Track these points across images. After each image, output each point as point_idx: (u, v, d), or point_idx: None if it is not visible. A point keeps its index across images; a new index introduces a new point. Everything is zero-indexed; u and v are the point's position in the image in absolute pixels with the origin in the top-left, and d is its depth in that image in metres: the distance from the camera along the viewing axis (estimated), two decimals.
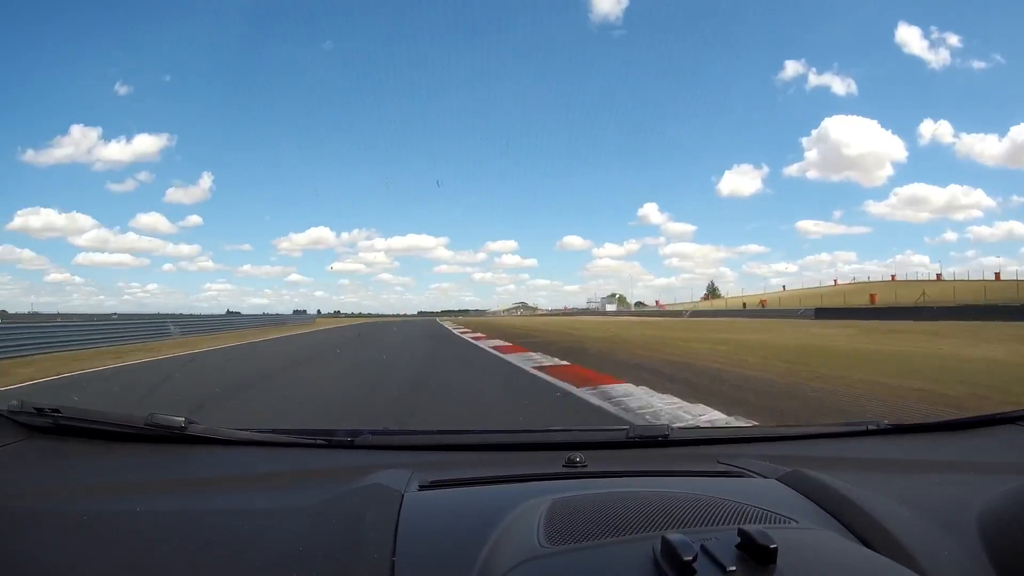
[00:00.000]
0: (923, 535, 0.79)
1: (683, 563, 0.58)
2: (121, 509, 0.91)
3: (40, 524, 0.83)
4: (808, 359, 9.70)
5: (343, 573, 0.70)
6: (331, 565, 0.72)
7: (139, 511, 0.89)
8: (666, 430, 1.29)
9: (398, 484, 0.94)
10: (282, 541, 0.79)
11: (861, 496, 0.88)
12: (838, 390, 6.27)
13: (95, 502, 0.93)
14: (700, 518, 0.75)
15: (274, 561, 0.74)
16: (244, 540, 0.81)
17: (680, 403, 5.78)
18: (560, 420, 5.48)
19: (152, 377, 9.47)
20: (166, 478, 1.08)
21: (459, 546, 0.74)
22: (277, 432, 1.26)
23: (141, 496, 0.97)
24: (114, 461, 1.11)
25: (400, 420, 5.15)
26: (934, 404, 5.25)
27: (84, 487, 1.00)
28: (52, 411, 1.11)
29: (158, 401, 6.82)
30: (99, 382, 8.75)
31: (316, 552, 0.75)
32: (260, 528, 0.84)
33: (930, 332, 17.15)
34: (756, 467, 1.11)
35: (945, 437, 1.46)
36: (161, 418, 1.12)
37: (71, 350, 14.07)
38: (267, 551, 0.77)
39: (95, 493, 0.98)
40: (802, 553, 0.66)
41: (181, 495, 1.00)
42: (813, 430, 1.56)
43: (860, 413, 4.95)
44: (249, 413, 5.83)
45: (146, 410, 1.14)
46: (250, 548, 0.78)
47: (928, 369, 7.91)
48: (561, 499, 0.83)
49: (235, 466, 1.14)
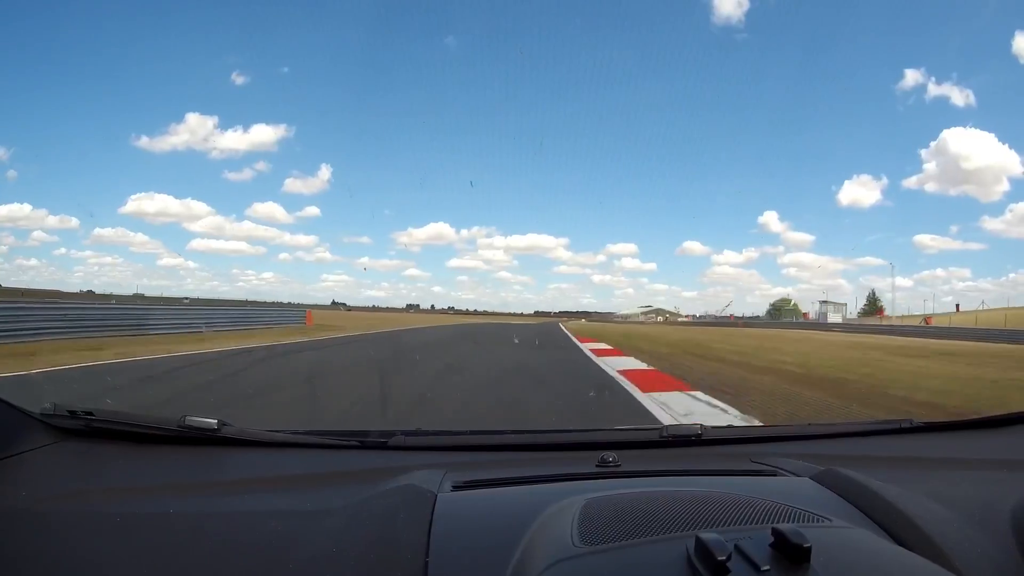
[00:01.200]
0: (956, 533, 0.79)
1: (717, 563, 0.59)
2: (155, 511, 0.92)
3: (74, 526, 0.85)
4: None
5: (377, 574, 0.70)
6: (365, 566, 0.72)
7: (172, 513, 0.91)
8: (699, 429, 1.29)
9: (431, 485, 0.95)
10: (316, 542, 0.80)
11: (894, 494, 0.87)
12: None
13: (129, 504, 0.94)
14: (734, 517, 0.75)
15: (308, 562, 0.75)
16: (278, 541, 0.82)
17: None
18: None
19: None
20: (200, 480, 1.10)
21: (492, 546, 0.75)
22: (310, 433, 1.27)
23: (175, 498, 0.98)
24: (147, 463, 1.13)
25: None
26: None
27: (118, 489, 1.02)
28: (85, 414, 1.12)
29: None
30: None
31: (350, 553, 0.75)
32: (294, 529, 0.85)
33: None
34: (789, 466, 1.10)
35: (977, 435, 1.44)
36: (195, 420, 1.14)
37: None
38: (301, 552, 0.78)
39: (128, 495, 0.99)
40: (836, 552, 0.65)
41: (215, 497, 1.01)
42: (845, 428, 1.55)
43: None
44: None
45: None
46: (284, 549, 0.79)
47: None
48: (594, 499, 0.83)
49: (269, 468, 1.16)
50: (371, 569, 0.72)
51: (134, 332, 13.37)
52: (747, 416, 5.43)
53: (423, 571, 0.70)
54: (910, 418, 1.42)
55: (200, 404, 5.40)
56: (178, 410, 1.20)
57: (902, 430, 1.40)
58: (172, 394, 6.14)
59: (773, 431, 1.51)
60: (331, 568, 0.73)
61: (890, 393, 7.13)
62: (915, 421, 1.41)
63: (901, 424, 1.41)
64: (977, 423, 1.48)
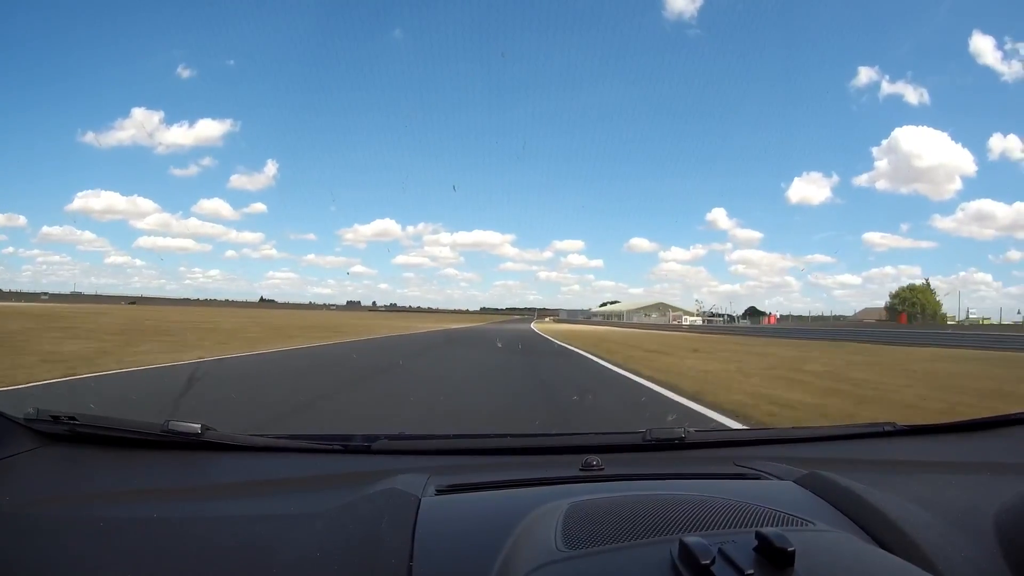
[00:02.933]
0: (939, 536, 0.79)
1: (701, 566, 0.59)
2: (138, 516, 0.91)
3: (57, 531, 0.84)
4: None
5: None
6: (349, 570, 0.72)
7: (156, 518, 0.90)
8: (682, 433, 1.29)
9: (415, 489, 0.94)
10: (299, 546, 0.79)
11: (877, 498, 0.88)
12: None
13: (112, 509, 0.94)
14: (717, 521, 0.75)
15: (291, 567, 0.75)
16: (261, 546, 0.81)
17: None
18: None
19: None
20: (183, 485, 1.09)
21: (476, 550, 0.75)
22: (294, 438, 1.27)
23: (158, 503, 0.97)
24: (131, 468, 1.12)
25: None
26: None
27: (101, 494, 1.01)
28: (68, 418, 1.12)
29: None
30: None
31: (333, 557, 0.75)
32: (277, 534, 0.84)
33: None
34: (772, 469, 1.11)
35: (961, 438, 1.45)
36: (178, 425, 1.13)
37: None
38: (284, 556, 0.78)
39: (112, 500, 0.98)
40: (819, 556, 0.66)
41: (198, 502, 1.01)
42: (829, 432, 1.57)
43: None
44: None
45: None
46: (267, 554, 0.79)
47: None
48: (578, 503, 0.83)
49: (252, 472, 1.15)
50: (355, 572, 0.71)
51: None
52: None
53: (407, 575, 0.69)
54: (893, 421, 1.44)
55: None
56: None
57: (885, 433, 1.42)
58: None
59: (756, 434, 1.52)
60: (315, 572, 0.73)
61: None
62: (898, 425, 1.43)
63: (884, 428, 1.43)
64: (960, 426, 1.50)
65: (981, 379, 9.65)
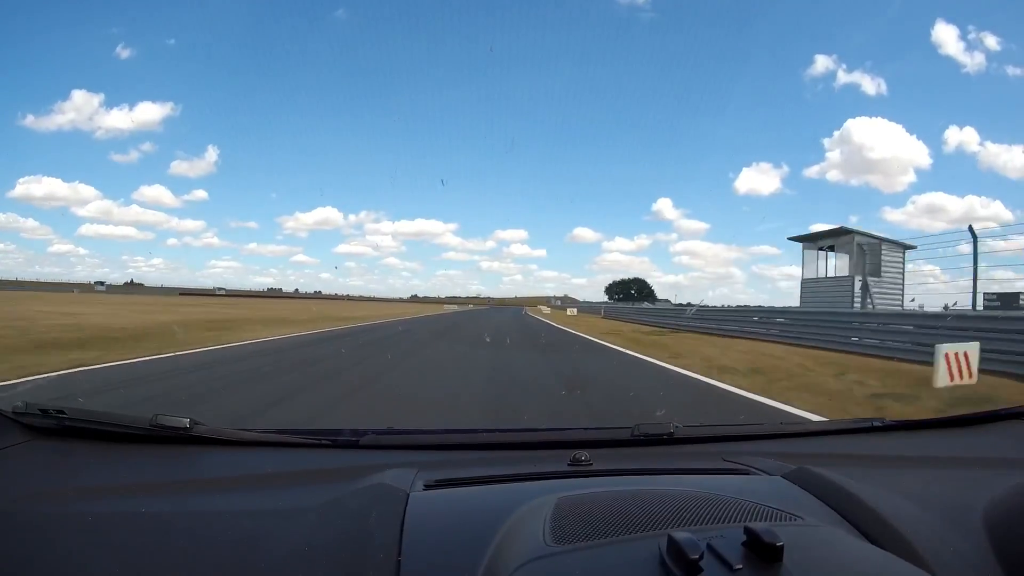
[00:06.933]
0: (929, 531, 0.80)
1: (690, 561, 0.59)
2: (126, 510, 0.91)
3: (45, 526, 0.84)
4: None
5: (349, 573, 0.70)
6: (337, 565, 0.72)
7: (144, 512, 0.90)
8: (671, 428, 1.29)
9: (403, 484, 0.94)
10: (287, 541, 0.79)
11: (867, 492, 0.88)
12: None
13: (100, 503, 0.93)
14: (706, 516, 0.75)
15: (279, 561, 0.74)
16: (249, 540, 0.81)
17: None
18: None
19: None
20: (171, 479, 1.08)
21: (464, 545, 0.74)
22: (282, 432, 1.26)
23: (146, 497, 0.97)
24: (119, 462, 1.11)
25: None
26: None
27: (89, 488, 1.00)
28: (57, 412, 1.11)
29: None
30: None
31: (321, 552, 0.75)
32: (265, 528, 0.84)
33: None
34: (761, 464, 1.11)
35: (950, 433, 1.46)
36: (166, 419, 1.13)
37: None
38: (272, 551, 0.77)
39: (100, 494, 0.98)
40: (808, 550, 0.66)
41: (186, 496, 1.00)
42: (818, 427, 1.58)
43: None
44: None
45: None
46: (256, 548, 0.79)
47: None
48: (567, 498, 0.83)
49: (240, 467, 1.15)
50: (343, 567, 0.71)
51: None
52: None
53: (395, 570, 0.69)
54: (882, 417, 1.45)
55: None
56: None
57: (874, 428, 1.43)
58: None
59: (745, 430, 1.52)
60: (303, 566, 0.72)
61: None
62: (887, 420, 1.44)
63: (873, 423, 1.43)
64: (948, 422, 1.51)
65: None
